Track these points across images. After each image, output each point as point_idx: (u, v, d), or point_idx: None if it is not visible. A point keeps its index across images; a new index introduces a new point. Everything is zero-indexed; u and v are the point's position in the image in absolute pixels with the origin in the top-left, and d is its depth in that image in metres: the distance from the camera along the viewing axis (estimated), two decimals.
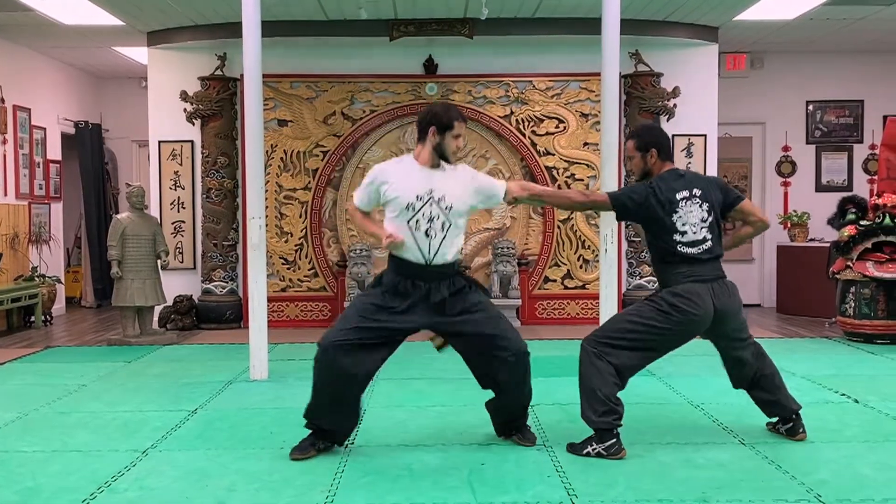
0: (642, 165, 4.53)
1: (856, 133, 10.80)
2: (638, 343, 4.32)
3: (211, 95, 9.06)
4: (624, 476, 3.97)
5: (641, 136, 4.59)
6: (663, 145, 4.54)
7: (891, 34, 9.66)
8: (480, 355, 4.38)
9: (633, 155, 4.57)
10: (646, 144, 4.51)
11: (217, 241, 9.12)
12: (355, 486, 3.88)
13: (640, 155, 4.52)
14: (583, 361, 4.35)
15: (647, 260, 9.16)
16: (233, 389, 6.06)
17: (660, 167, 4.50)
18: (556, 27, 8.89)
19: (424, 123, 4.36)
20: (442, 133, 4.31)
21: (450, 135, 4.32)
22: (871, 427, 4.85)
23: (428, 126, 4.34)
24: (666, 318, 4.28)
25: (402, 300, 4.29)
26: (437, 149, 4.34)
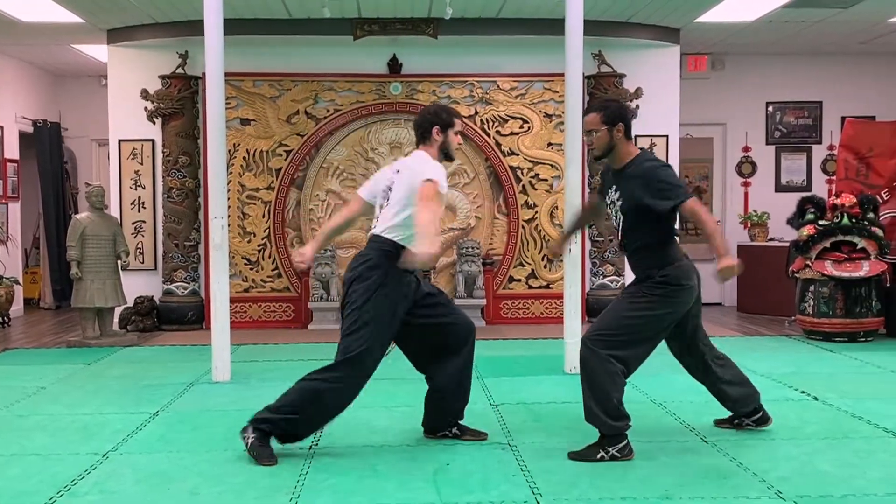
0: (607, 140, 4.31)
1: (814, 134, 10.96)
2: (644, 335, 4.26)
3: (172, 94, 8.96)
4: (587, 475, 3.99)
5: (609, 108, 4.36)
6: (629, 122, 4.38)
7: (848, 36, 9.82)
8: (435, 335, 4.46)
9: (597, 129, 4.31)
10: (613, 118, 4.30)
11: (178, 242, 9.03)
12: (320, 488, 3.86)
13: (606, 129, 4.29)
14: (591, 364, 4.20)
15: (610, 259, 9.23)
16: (195, 391, 6.00)
17: (624, 145, 4.33)
18: (519, 28, 8.93)
19: (427, 125, 4.43)
20: (445, 131, 4.42)
21: (452, 132, 4.44)
22: (830, 424, 4.92)
23: (431, 126, 4.42)
24: (666, 303, 4.24)
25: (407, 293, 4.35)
26: (443, 147, 4.44)
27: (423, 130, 4.45)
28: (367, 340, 4.22)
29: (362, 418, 5.11)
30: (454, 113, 4.53)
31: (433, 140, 4.42)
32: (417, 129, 4.49)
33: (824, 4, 8.40)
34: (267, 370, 6.73)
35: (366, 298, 4.21)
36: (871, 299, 7.71)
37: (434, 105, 4.72)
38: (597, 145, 4.37)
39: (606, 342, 4.21)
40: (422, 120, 4.48)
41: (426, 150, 4.44)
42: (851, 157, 8.32)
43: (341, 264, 9.13)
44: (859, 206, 7.77)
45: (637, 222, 4.29)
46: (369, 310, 4.21)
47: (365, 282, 4.23)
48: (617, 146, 4.34)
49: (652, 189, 4.16)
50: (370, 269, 4.26)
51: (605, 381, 4.17)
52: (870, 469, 4.04)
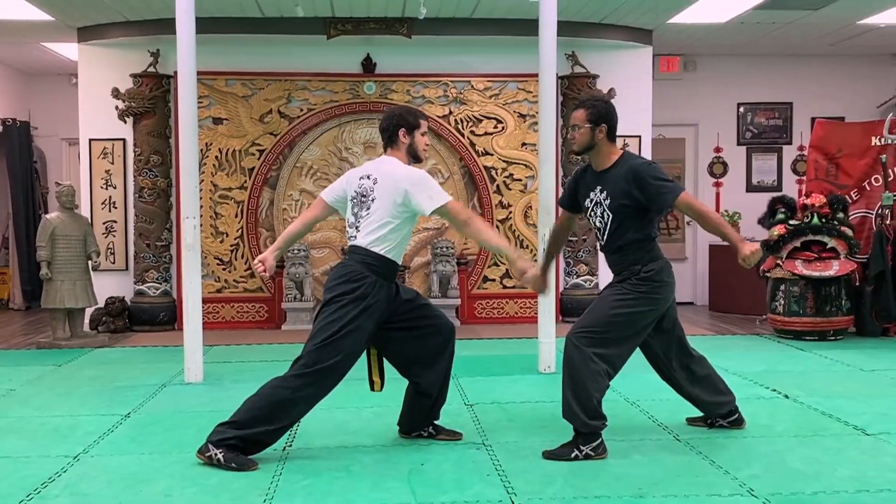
0: (589, 138, 4.33)
1: (785, 134, 11.07)
2: (628, 333, 4.27)
3: (143, 93, 8.88)
4: (562, 473, 4.00)
5: (596, 107, 4.35)
6: (614, 124, 4.38)
7: (818, 38, 9.93)
8: (418, 338, 4.44)
9: (581, 125, 4.33)
10: (598, 118, 4.31)
11: (150, 242, 8.95)
12: (294, 489, 3.84)
13: (589, 127, 4.31)
14: (575, 361, 4.19)
15: (584, 259, 9.27)
16: (167, 392, 5.95)
17: (606, 147, 4.35)
18: (493, 28, 8.94)
19: (392, 127, 4.38)
20: (411, 133, 4.38)
21: (418, 133, 4.40)
22: (801, 422, 4.98)
23: (397, 129, 4.37)
24: (650, 300, 4.26)
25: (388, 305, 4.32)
26: (410, 150, 4.40)
27: (389, 134, 4.40)
28: (341, 352, 4.16)
29: (336, 419, 5.10)
30: (420, 114, 4.50)
31: (400, 143, 4.38)
32: (384, 133, 4.43)
33: (795, 6, 8.48)
34: (240, 371, 6.69)
35: (347, 311, 4.16)
36: (840, 298, 7.80)
37: (399, 107, 4.65)
38: (577, 141, 4.39)
39: (592, 339, 4.20)
40: (387, 123, 4.41)
41: (395, 154, 4.40)
42: (821, 157, 8.41)
43: (315, 264, 9.11)
44: (829, 206, 7.85)
45: (625, 220, 4.29)
46: (349, 322, 4.15)
47: (348, 295, 4.17)
48: (598, 146, 4.35)
49: (648, 188, 4.19)
50: (353, 282, 4.20)
51: (588, 379, 4.17)
52: (840, 466, 4.09)
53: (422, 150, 4.47)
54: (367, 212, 4.29)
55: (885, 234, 7.92)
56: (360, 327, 4.18)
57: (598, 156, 4.39)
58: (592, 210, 4.43)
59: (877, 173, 8.25)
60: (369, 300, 4.19)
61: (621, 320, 4.24)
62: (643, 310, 4.27)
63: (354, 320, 4.16)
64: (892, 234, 7.95)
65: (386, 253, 4.26)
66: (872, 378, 6.25)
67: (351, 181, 4.43)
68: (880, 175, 8.22)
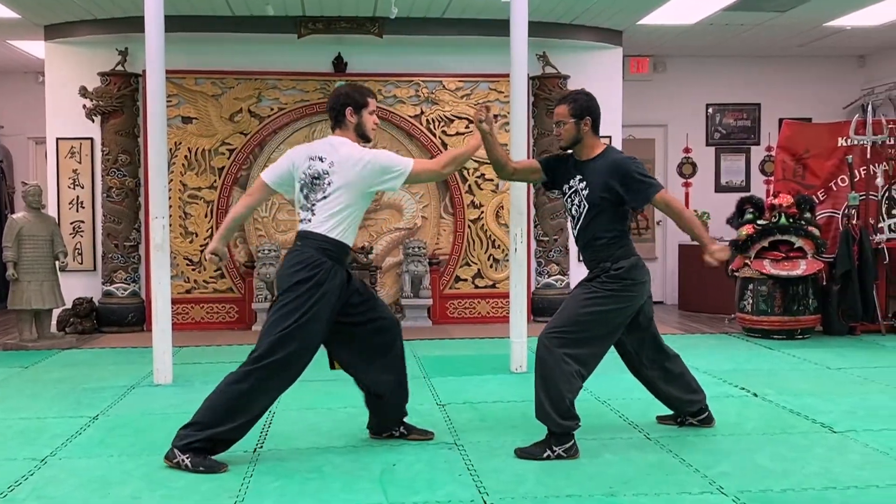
0: (574, 132, 4.36)
1: (753, 135, 11.19)
2: (599, 332, 4.27)
3: (112, 91, 8.79)
4: (533, 473, 4.02)
5: (578, 101, 4.38)
6: (597, 116, 4.41)
7: (786, 40, 10.04)
8: (363, 333, 4.35)
9: (565, 121, 4.36)
10: (581, 111, 4.34)
11: (118, 242, 8.86)
12: (264, 491, 3.82)
13: (573, 122, 4.34)
14: (546, 361, 4.20)
15: (556, 259, 9.30)
16: (136, 394, 5.90)
17: (591, 139, 4.38)
18: (465, 28, 8.95)
19: (339, 106, 4.28)
20: (359, 112, 4.29)
21: (366, 112, 4.31)
22: (769, 420, 5.03)
23: (343, 108, 4.27)
24: (620, 298, 4.27)
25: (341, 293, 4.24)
26: (358, 129, 4.31)
27: (336, 113, 4.30)
28: (297, 342, 4.06)
29: (307, 420, 5.08)
30: (367, 92, 4.39)
31: (347, 122, 4.29)
32: (331, 113, 4.33)
33: (763, 8, 8.57)
34: (210, 372, 6.62)
35: (304, 300, 4.06)
36: (808, 297, 7.89)
37: (346, 85, 4.52)
38: (564, 137, 4.41)
39: (563, 340, 4.20)
40: (334, 102, 4.32)
41: (343, 134, 4.29)
42: (789, 158, 8.49)
43: None
44: (796, 206, 7.94)
45: (600, 213, 4.30)
46: (306, 311, 4.06)
47: (305, 283, 4.08)
48: (584, 139, 4.38)
49: (628, 182, 4.22)
50: (310, 269, 4.10)
51: (560, 380, 4.17)
52: (808, 464, 4.14)
53: (370, 130, 4.37)
54: (324, 196, 4.17)
55: (852, 234, 8.02)
56: (317, 316, 4.08)
57: (582, 148, 4.42)
58: (569, 197, 4.44)
59: (843, 174, 8.36)
60: (326, 286, 4.10)
61: (592, 319, 4.25)
62: (613, 308, 4.28)
63: (311, 308, 4.06)
64: (858, 233, 8.05)
65: (341, 237, 4.19)
66: (839, 376, 6.33)
67: (298, 162, 4.27)
68: (847, 175, 8.32)
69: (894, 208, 8.34)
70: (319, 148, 4.30)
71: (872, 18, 9.00)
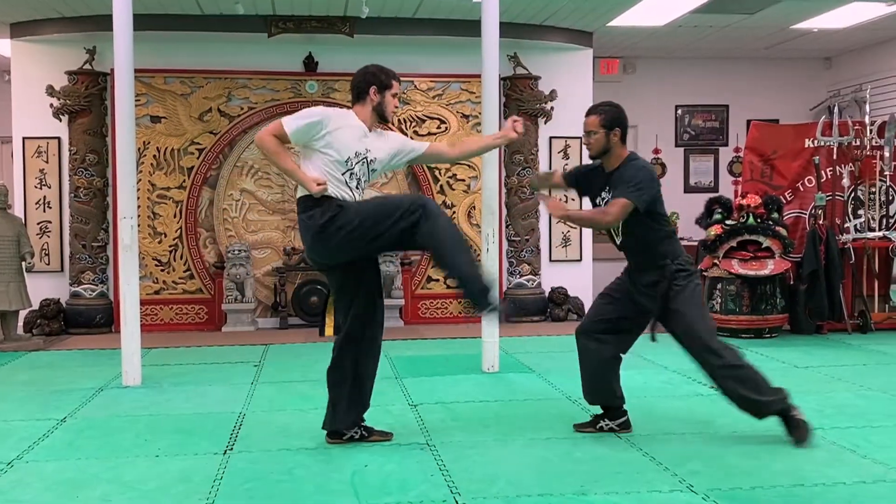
0: (604, 143, 4.46)
1: (721, 136, 11.29)
2: (707, 314, 4.61)
3: (79, 90, 8.70)
4: (505, 472, 4.02)
5: (608, 112, 4.49)
6: (626, 127, 4.53)
7: (754, 42, 10.15)
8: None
9: (595, 131, 4.45)
10: (612, 122, 4.45)
11: (86, 242, 8.77)
12: (235, 493, 3.79)
13: (603, 132, 4.44)
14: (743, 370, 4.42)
15: (527, 259, 9.32)
16: (104, 396, 5.84)
17: (619, 149, 4.48)
18: (436, 28, 8.95)
19: (364, 84, 4.38)
20: (382, 92, 4.38)
21: (389, 94, 4.40)
22: (737, 418, 5.05)
23: (368, 86, 4.37)
24: (698, 283, 4.54)
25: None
26: (378, 108, 4.39)
27: (359, 90, 4.38)
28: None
29: (278, 421, 5.05)
30: (392, 74, 4.48)
31: (368, 100, 4.36)
32: (353, 89, 4.41)
33: (731, 11, 8.65)
34: (179, 374, 6.59)
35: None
36: (775, 297, 7.97)
37: (372, 65, 4.58)
38: (593, 147, 4.51)
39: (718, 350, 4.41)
40: (359, 79, 4.40)
41: (360, 108, 4.38)
42: (756, 158, 8.57)
43: (256, 265, 9.02)
44: (764, 207, 8.02)
45: (635, 220, 4.40)
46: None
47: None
48: (612, 149, 4.48)
49: (618, 187, 4.37)
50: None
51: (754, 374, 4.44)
52: (776, 462, 4.18)
53: (390, 112, 4.45)
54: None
55: (818, 234, 8.12)
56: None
57: (610, 158, 4.51)
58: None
59: (810, 174, 8.46)
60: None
61: (705, 312, 4.57)
62: (699, 292, 4.53)
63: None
64: (824, 233, 8.15)
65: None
66: (806, 375, 6.40)
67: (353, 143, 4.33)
68: (813, 176, 8.43)
69: (860, 208, 8.46)
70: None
71: (838, 21, 9.12)
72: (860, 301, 8.37)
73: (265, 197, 9.14)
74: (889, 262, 8.32)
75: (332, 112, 4.36)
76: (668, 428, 4.82)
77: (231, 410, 5.33)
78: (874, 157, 8.45)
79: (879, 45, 10.37)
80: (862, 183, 8.47)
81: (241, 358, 7.24)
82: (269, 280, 9.14)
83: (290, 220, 9.16)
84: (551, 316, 9.35)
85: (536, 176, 4.97)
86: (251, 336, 8.44)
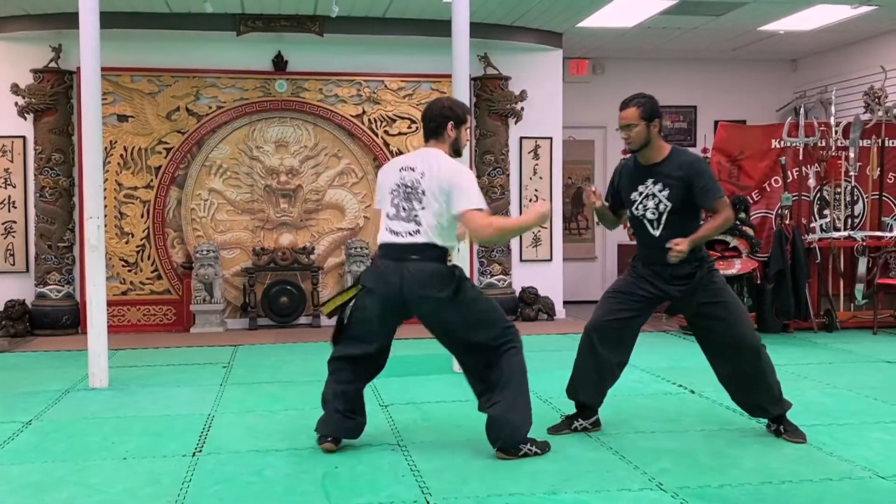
0: (645, 135, 4.45)
1: (689, 137, 11.38)
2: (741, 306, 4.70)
3: (45, 89, 8.58)
4: (476, 472, 4.03)
5: (647, 104, 4.48)
6: (663, 118, 4.57)
7: (721, 43, 10.24)
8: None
9: (635, 123, 4.45)
10: (651, 114, 4.46)
11: (52, 243, 8.65)
12: (204, 496, 3.76)
13: (644, 124, 4.44)
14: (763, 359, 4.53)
15: (498, 259, 9.34)
16: (71, 398, 5.77)
17: (659, 141, 4.50)
18: (406, 28, 8.93)
19: (441, 118, 4.28)
20: (458, 128, 4.31)
21: (464, 128, 4.34)
22: (706, 416, 5.12)
23: (446, 122, 4.28)
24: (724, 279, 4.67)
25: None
26: (454, 144, 4.32)
27: (436, 125, 4.30)
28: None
29: (247, 423, 5.02)
30: (467, 108, 4.45)
31: (447, 135, 4.30)
32: (430, 123, 4.32)
33: (699, 12, 8.73)
34: (147, 376, 6.53)
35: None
36: (742, 296, 8.04)
37: (448, 99, 4.50)
38: (634, 140, 4.49)
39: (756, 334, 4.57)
40: (436, 114, 4.30)
41: (439, 146, 4.30)
42: (724, 159, 8.65)
43: (225, 265, 8.95)
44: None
45: (682, 211, 4.44)
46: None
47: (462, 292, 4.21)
48: (653, 141, 4.48)
49: (698, 182, 4.40)
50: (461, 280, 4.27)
51: (770, 369, 4.56)
52: (744, 459, 4.22)
53: (464, 145, 4.42)
54: (421, 206, 4.20)
55: (785, 234, 8.21)
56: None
57: (651, 150, 4.51)
58: (642, 203, 4.52)
59: (777, 175, 8.55)
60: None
61: (740, 307, 4.61)
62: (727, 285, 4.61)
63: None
64: (791, 233, 8.24)
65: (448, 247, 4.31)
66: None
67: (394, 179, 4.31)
68: (780, 176, 8.52)
69: (826, 209, 8.57)
70: (413, 160, 4.33)
71: (804, 23, 9.23)
72: (826, 300, 8.48)
73: (234, 197, 9.08)
74: (854, 261, 8.44)
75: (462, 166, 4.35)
76: (638, 426, 4.85)
77: (200, 412, 5.29)
78: (839, 158, 8.57)
79: (844, 48, 10.51)
80: (827, 183, 8.58)
81: (210, 359, 7.19)
82: (238, 280, 9.08)
83: (258, 220, 9.10)
84: (522, 316, 9.37)
85: (605, 218, 4.89)
86: (220, 337, 8.38)
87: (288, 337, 8.33)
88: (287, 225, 9.16)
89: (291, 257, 8.96)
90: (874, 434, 4.69)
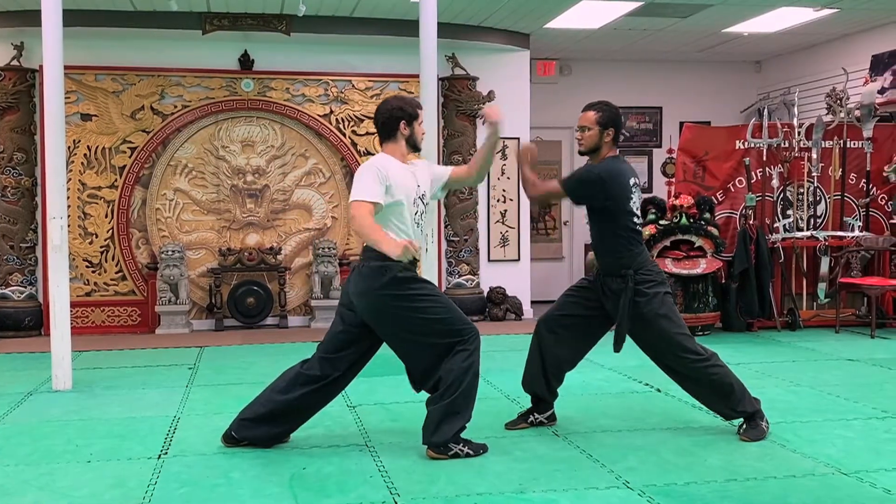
0: (596, 140, 4.53)
1: (655, 138, 11.48)
2: (678, 317, 4.75)
3: (6, 87, 8.44)
4: (445, 472, 4.03)
5: (606, 111, 4.54)
6: (620, 129, 4.61)
7: (686, 45, 10.33)
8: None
9: (590, 127, 4.52)
10: (608, 121, 4.51)
11: (14, 243, 8.52)
12: (170, 498, 3.73)
13: (598, 129, 4.51)
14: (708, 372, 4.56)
15: (466, 259, 9.35)
16: (34, 401, 5.69)
17: (608, 149, 4.55)
18: (374, 28, 8.91)
19: (392, 120, 4.29)
20: (411, 124, 4.32)
21: (416, 124, 4.35)
22: (672, 414, 5.17)
23: (397, 121, 4.29)
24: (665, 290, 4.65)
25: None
26: (410, 141, 4.35)
27: (389, 128, 4.31)
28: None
29: (214, 424, 4.97)
30: (416, 103, 4.45)
31: (400, 135, 4.32)
32: (382, 126, 4.33)
33: (664, 14, 8.80)
34: (112, 377, 6.45)
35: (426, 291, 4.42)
36: (707, 295, 8.13)
37: (395, 98, 4.47)
38: (585, 142, 4.57)
39: (693, 352, 4.57)
40: (386, 116, 4.30)
41: (393, 146, 4.32)
42: (689, 160, 8.73)
43: (191, 266, 8.87)
44: (696, 207, 8.17)
45: (591, 218, 4.62)
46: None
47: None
48: (602, 148, 4.54)
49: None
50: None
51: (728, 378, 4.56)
52: (710, 457, 4.27)
53: (420, 140, 4.43)
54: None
55: (749, 234, 8.30)
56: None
57: (596, 157, 4.59)
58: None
59: (741, 175, 8.64)
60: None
61: (676, 318, 4.60)
62: (669, 301, 4.61)
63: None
64: (755, 233, 8.34)
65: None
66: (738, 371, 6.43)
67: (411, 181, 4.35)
68: (744, 177, 8.61)
69: (789, 209, 8.68)
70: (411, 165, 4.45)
71: (768, 26, 9.35)
72: (789, 299, 8.59)
73: (199, 196, 9.00)
74: (817, 261, 8.55)
75: (384, 161, 4.27)
76: (605, 425, 4.89)
77: (165, 414, 5.24)
78: (802, 159, 8.68)
79: (807, 50, 10.66)
80: (791, 184, 8.69)
81: (176, 360, 7.12)
82: (204, 281, 9.00)
83: (224, 220, 9.04)
84: (490, 315, 9.39)
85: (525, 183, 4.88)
86: (186, 338, 8.30)
87: (255, 338, 8.28)
88: (254, 225, 9.11)
89: (258, 258, 8.90)
90: (837, 431, 4.76)
